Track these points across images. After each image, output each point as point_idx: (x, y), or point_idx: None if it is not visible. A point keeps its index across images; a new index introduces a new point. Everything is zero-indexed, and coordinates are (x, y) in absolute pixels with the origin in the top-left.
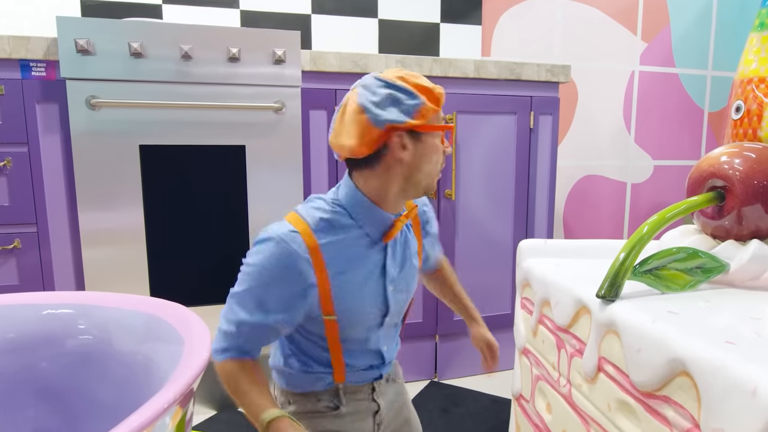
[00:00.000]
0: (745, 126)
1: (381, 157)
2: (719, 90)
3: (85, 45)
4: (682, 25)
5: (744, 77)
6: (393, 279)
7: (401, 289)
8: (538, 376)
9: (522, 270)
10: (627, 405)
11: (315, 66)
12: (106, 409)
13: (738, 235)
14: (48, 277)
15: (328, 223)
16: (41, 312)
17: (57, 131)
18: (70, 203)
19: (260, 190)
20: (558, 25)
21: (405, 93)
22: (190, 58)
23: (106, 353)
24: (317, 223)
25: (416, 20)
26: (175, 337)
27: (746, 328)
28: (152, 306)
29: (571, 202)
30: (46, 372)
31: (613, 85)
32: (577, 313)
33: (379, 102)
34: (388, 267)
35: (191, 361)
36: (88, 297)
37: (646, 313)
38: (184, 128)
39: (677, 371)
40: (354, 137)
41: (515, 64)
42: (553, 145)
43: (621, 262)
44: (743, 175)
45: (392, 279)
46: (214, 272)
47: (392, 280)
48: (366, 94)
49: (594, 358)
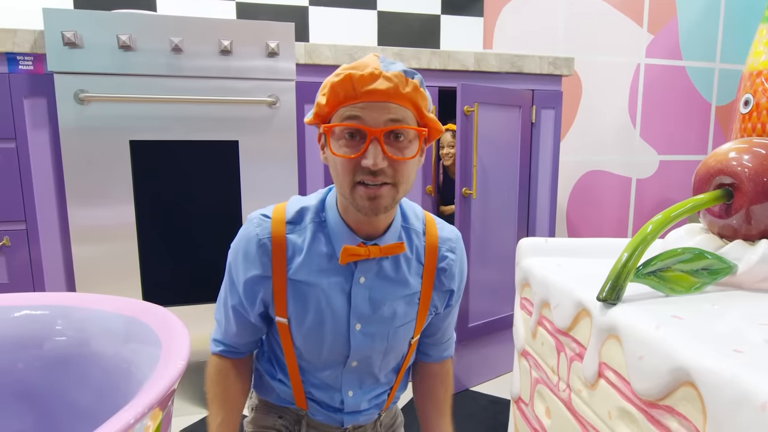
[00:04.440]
0: (754, 120)
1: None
2: (727, 83)
3: (72, 38)
4: (690, 17)
5: (753, 70)
6: (362, 316)
7: (373, 335)
8: (538, 379)
9: (521, 269)
10: (628, 414)
11: (310, 59)
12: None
13: (746, 234)
14: (38, 275)
15: (301, 218)
16: (18, 313)
17: (45, 126)
18: (59, 200)
19: (254, 187)
20: (562, 16)
21: (321, 86)
22: (180, 51)
23: (85, 356)
24: (294, 215)
25: (416, 12)
26: (154, 340)
27: (755, 335)
28: (133, 308)
29: (575, 198)
30: (22, 375)
31: (618, 78)
32: (577, 315)
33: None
34: (353, 298)
35: (168, 366)
36: (68, 298)
37: (649, 318)
38: (175, 123)
39: (681, 381)
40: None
41: (517, 56)
42: (555, 140)
43: (623, 263)
44: (752, 172)
45: (360, 316)
46: (207, 270)
47: (360, 317)
48: None
49: (594, 364)
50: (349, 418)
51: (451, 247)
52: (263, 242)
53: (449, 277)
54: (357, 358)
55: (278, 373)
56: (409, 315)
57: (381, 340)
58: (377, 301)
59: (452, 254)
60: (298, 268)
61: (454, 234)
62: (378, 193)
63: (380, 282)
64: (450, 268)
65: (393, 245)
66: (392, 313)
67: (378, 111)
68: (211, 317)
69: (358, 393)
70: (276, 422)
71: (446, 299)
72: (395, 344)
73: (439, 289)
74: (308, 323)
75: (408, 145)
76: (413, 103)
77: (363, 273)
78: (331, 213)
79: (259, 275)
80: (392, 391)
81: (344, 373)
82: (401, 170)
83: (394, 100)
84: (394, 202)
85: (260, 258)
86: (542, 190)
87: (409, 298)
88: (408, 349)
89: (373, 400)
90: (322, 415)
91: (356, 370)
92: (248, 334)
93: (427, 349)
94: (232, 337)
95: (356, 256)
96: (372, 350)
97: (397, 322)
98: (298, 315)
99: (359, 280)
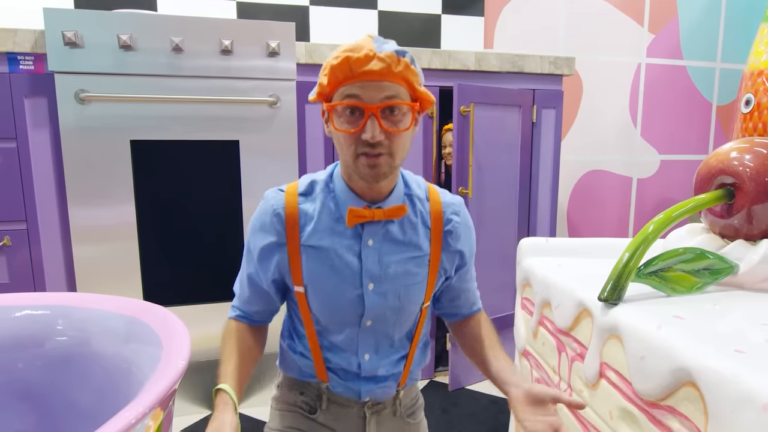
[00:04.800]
0: (756, 120)
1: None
2: (728, 83)
3: (72, 37)
4: (691, 16)
5: (754, 69)
6: (373, 276)
7: (385, 293)
8: (539, 379)
9: (522, 269)
10: (630, 414)
11: (310, 59)
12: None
13: (748, 234)
14: (39, 275)
15: (312, 189)
16: (19, 313)
17: (46, 126)
18: (60, 200)
19: (254, 186)
20: (562, 15)
21: (322, 67)
22: (181, 51)
23: (86, 356)
24: (306, 187)
25: (417, 11)
26: (155, 340)
27: (757, 335)
28: (134, 308)
29: (575, 198)
30: (23, 374)
31: (619, 78)
32: (578, 316)
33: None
34: (364, 260)
35: (169, 366)
36: (69, 298)
37: (650, 318)
38: (175, 123)
39: (683, 381)
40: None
41: (517, 56)
42: (556, 140)
43: (625, 263)
44: (754, 172)
45: (372, 276)
46: (207, 270)
47: (372, 277)
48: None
49: (595, 364)
50: (367, 387)
51: (455, 210)
52: (278, 212)
53: (455, 238)
54: (371, 316)
55: (299, 346)
56: (419, 275)
57: (393, 298)
58: (386, 262)
59: (457, 216)
60: (310, 235)
61: (457, 199)
62: (377, 161)
63: (388, 244)
64: (455, 229)
65: (395, 207)
66: (402, 273)
67: (374, 89)
68: (211, 317)
69: (374, 357)
70: (297, 399)
71: (455, 261)
72: (407, 303)
73: (447, 251)
74: (323, 286)
75: (402, 118)
76: (405, 80)
77: (370, 236)
78: (338, 182)
79: (274, 242)
80: (408, 360)
81: (360, 335)
82: (396, 141)
83: (388, 79)
84: (392, 169)
85: (275, 227)
86: (543, 189)
87: (418, 259)
88: (420, 314)
89: (389, 367)
90: (341, 387)
91: (371, 331)
92: (262, 302)
93: (455, 310)
94: (247, 305)
95: (361, 218)
96: (385, 308)
97: (408, 281)
98: (313, 279)
99: (367, 243)
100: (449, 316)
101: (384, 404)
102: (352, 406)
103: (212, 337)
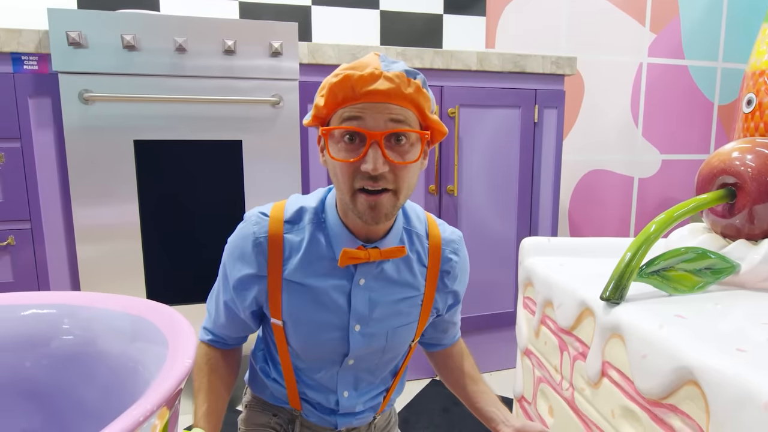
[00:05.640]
0: (757, 119)
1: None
2: (730, 82)
3: (77, 38)
4: (692, 16)
5: (756, 69)
6: (361, 317)
7: (373, 335)
8: (540, 378)
9: (524, 269)
10: (632, 412)
11: (313, 59)
12: (91, 411)
13: (749, 234)
14: (42, 274)
15: (300, 218)
16: (25, 312)
17: (50, 126)
18: (64, 199)
19: (257, 186)
20: (564, 15)
21: (319, 87)
22: (184, 51)
23: (92, 354)
24: (293, 214)
25: (419, 11)
26: (161, 339)
27: (758, 334)
28: (140, 307)
29: (577, 198)
30: (30, 373)
31: (620, 78)
32: (580, 315)
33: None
34: (353, 300)
35: (175, 365)
36: (75, 297)
37: (652, 317)
38: (179, 123)
39: (684, 380)
40: None
41: (519, 56)
42: (558, 139)
43: (627, 262)
44: (755, 171)
45: (360, 317)
46: (211, 269)
47: (360, 319)
48: None
49: (597, 363)
50: (343, 420)
51: (454, 249)
52: (260, 241)
53: (452, 278)
54: (355, 356)
55: (273, 372)
56: (410, 316)
57: (379, 340)
58: (377, 303)
59: (455, 256)
60: (294, 269)
61: (456, 235)
62: (378, 200)
63: (381, 284)
64: (453, 270)
65: (394, 249)
66: (393, 313)
67: (378, 113)
68: None
69: (353, 394)
70: (270, 420)
71: (448, 300)
72: (394, 344)
73: (442, 291)
74: (304, 324)
75: (410, 149)
76: (415, 105)
77: (363, 275)
78: (330, 214)
79: (253, 274)
80: (388, 393)
81: (340, 373)
82: (402, 175)
83: (396, 101)
84: (395, 209)
85: (256, 257)
86: (545, 189)
87: (411, 300)
88: (407, 351)
89: (368, 402)
90: (316, 417)
91: (353, 369)
92: (237, 330)
93: (438, 341)
94: (221, 329)
95: (356, 260)
96: (370, 349)
97: (398, 322)
98: (293, 315)
99: (359, 282)
100: (430, 346)
101: (359, 429)
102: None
103: None
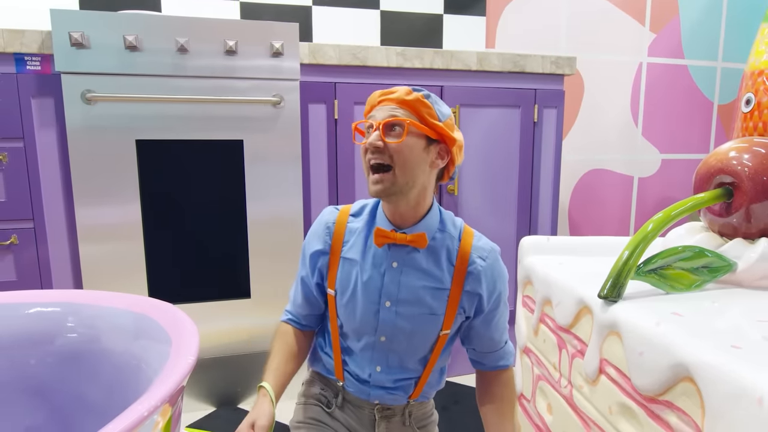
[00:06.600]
0: (756, 119)
1: None
2: (729, 82)
3: (79, 38)
4: (692, 15)
5: (755, 69)
6: (391, 295)
7: (400, 314)
8: (539, 376)
9: (524, 267)
10: (629, 409)
11: (314, 59)
12: (95, 408)
13: (746, 233)
14: (45, 273)
15: (361, 212)
16: (30, 310)
17: (53, 126)
18: (66, 199)
19: (258, 186)
20: (564, 15)
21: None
22: (186, 51)
23: (96, 352)
24: (357, 209)
25: (419, 11)
26: (164, 337)
27: (753, 332)
28: (143, 305)
29: (577, 197)
30: (35, 370)
31: (620, 77)
32: (578, 313)
33: None
34: (386, 280)
35: (177, 362)
36: (79, 295)
37: (649, 315)
38: (180, 123)
39: (680, 377)
40: None
41: (519, 56)
42: (557, 139)
43: (624, 261)
44: (752, 171)
45: (389, 295)
46: (212, 268)
47: (389, 296)
48: None
49: (595, 360)
50: (376, 393)
51: (482, 255)
52: (329, 226)
53: (476, 280)
54: (385, 333)
55: (326, 346)
56: (437, 308)
57: (406, 321)
58: (405, 285)
59: (482, 261)
60: (349, 248)
61: (489, 246)
62: (381, 177)
63: (410, 269)
64: (477, 273)
65: (417, 235)
66: (418, 299)
67: (384, 111)
68: (216, 315)
69: (385, 370)
70: (318, 392)
71: (474, 302)
72: (421, 329)
73: (467, 291)
74: (348, 293)
75: (401, 135)
76: (414, 109)
77: (396, 258)
78: (379, 208)
79: (320, 250)
80: (420, 381)
81: (375, 347)
82: (398, 155)
83: (398, 104)
84: (394, 186)
85: (324, 237)
86: (544, 188)
87: (437, 292)
88: (436, 341)
89: (398, 381)
90: (354, 387)
91: (385, 347)
92: (309, 307)
93: (479, 358)
94: (297, 308)
95: (385, 238)
96: (397, 328)
97: (423, 309)
98: (342, 286)
99: (392, 264)
100: (475, 363)
101: (393, 410)
102: (363, 408)
103: (217, 334)
